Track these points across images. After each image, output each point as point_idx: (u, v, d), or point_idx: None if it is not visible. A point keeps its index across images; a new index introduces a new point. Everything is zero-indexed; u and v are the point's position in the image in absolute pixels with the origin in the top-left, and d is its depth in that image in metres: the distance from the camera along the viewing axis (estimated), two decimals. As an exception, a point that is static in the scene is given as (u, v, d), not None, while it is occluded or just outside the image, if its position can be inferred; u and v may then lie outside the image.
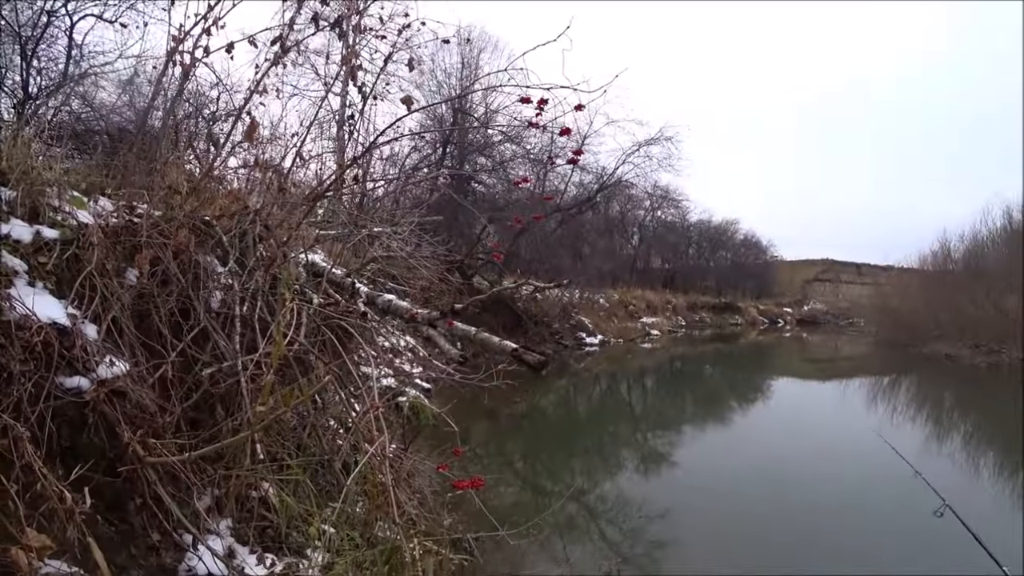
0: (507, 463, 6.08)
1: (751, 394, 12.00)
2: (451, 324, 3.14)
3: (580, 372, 13.11)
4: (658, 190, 24.31)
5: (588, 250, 20.12)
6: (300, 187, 3.83)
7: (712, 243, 36.63)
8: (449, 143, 12.01)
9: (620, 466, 6.15)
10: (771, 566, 3.77)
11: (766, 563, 3.82)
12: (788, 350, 23.15)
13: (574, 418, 9.01)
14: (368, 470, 2.34)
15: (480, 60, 13.99)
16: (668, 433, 7.98)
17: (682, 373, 14.90)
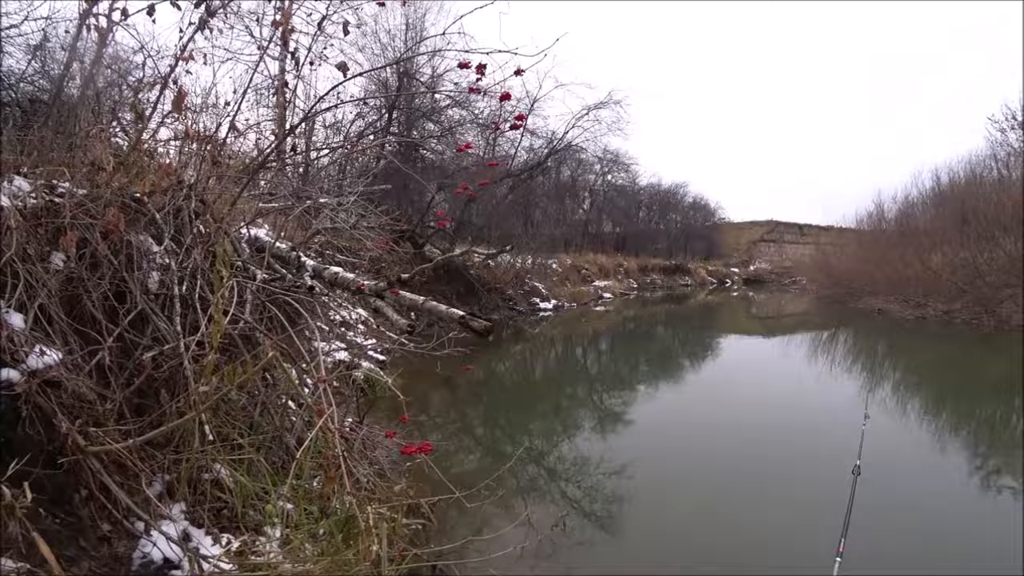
0: (467, 429, 6.18)
1: (701, 352, 12.51)
2: (397, 294, 3.12)
3: (535, 337, 13.29)
4: (608, 154, 24.42)
5: (540, 215, 20.18)
6: (238, 158, 3.68)
7: (662, 206, 37.34)
8: (395, 109, 11.66)
9: (577, 426, 6.33)
10: (716, 511, 4.05)
11: (712, 507, 4.10)
12: (736, 309, 24.10)
13: (531, 382, 9.18)
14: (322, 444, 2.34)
15: (425, 22, 13.56)
16: (623, 392, 8.25)
17: (635, 334, 15.33)
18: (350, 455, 2.89)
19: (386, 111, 11.78)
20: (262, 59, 3.62)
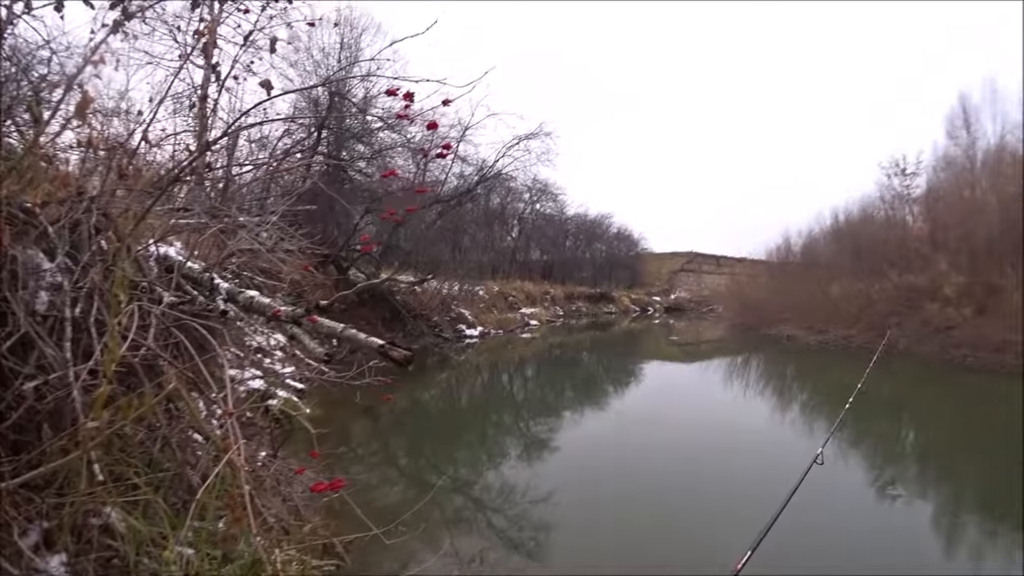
0: (389, 461, 5.96)
1: (624, 377, 12.84)
2: (314, 321, 2.98)
3: (461, 364, 13.16)
4: (537, 183, 25.02)
5: (468, 241, 20.19)
6: (151, 170, 3.42)
7: (588, 236, 38.45)
8: (325, 128, 11.37)
9: (504, 454, 6.27)
10: (642, 535, 4.10)
11: (637, 532, 4.15)
12: (657, 336, 25.01)
13: (456, 411, 9.04)
14: (229, 481, 2.16)
15: (361, 42, 13.43)
16: (549, 419, 8.28)
17: (561, 361, 15.52)
18: (260, 492, 2.69)
19: (315, 130, 11.48)
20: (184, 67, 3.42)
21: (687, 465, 5.80)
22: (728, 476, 5.45)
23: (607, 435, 7.35)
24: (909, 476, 5.96)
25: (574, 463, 6.00)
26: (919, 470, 6.32)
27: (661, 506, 4.66)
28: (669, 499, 4.82)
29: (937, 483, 5.82)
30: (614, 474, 5.50)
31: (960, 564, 3.95)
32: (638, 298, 40.29)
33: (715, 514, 4.48)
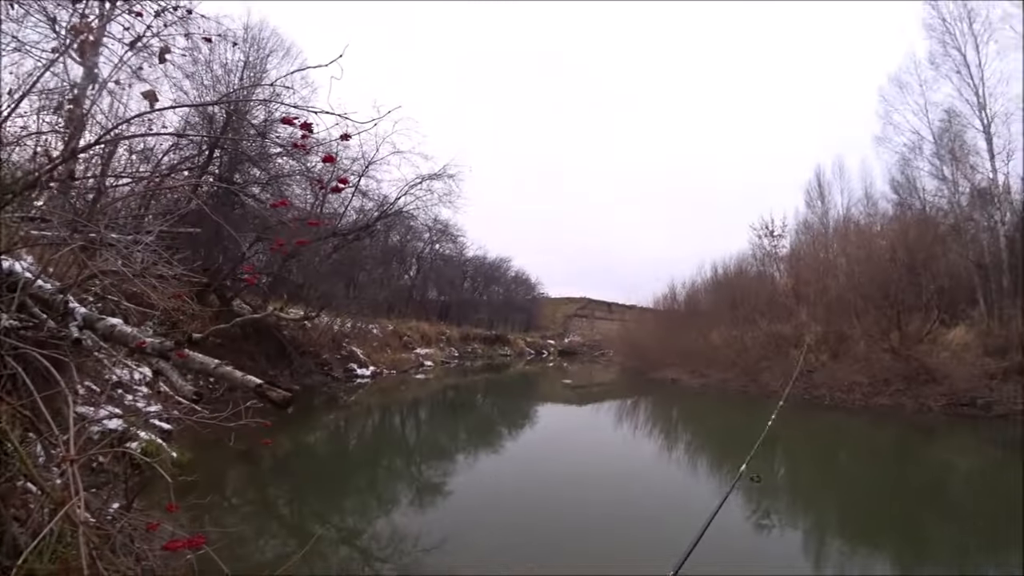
0: (268, 510, 5.43)
1: (519, 419, 12.82)
2: (183, 355, 2.68)
3: (351, 405, 12.52)
4: (438, 224, 25.01)
5: (364, 278, 19.63)
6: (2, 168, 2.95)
7: (486, 278, 38.87)
8: (218, 147, 10.62)
9: (395, 501, 5.94)
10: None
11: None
12: (551, 378, 25.44)
13: (345, 454, 8.51)
14: (67, 539, 1.82)
15: (268, 64, 12.90)
16: (443, 463, 8.02)
17: (455, 403, 15.27)
18: (105, 551, 2.30)
19: (207, 148, 10.70)
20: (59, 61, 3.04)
21: (580, 508, 5.81)
22: (622, 516, 5.52)
23: (502, 479, 7.23)
24: (780, 507, 6.38)
25: (468, 508, 5.82)
26: (789, 500, 6.80)
27: (556, 551, 4.60)
28: (564, 543, 4.78)
29: (804, 512, 6.28)
30: (509, 520, 5.37)
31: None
32: (533, 341, 41.04)
33: (611, 555, 4.50)
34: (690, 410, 14.64)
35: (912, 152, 19.75)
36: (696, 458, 9.13)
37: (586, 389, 21.33)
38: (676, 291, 26.31)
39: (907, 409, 12.18)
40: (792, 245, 22.54)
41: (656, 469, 8.14)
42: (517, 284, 43.92)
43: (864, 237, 17.22)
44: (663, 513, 5.72)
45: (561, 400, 17.53)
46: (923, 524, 5.84)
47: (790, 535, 5.39)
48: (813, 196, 24.30)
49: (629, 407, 15.61)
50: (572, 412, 15.12)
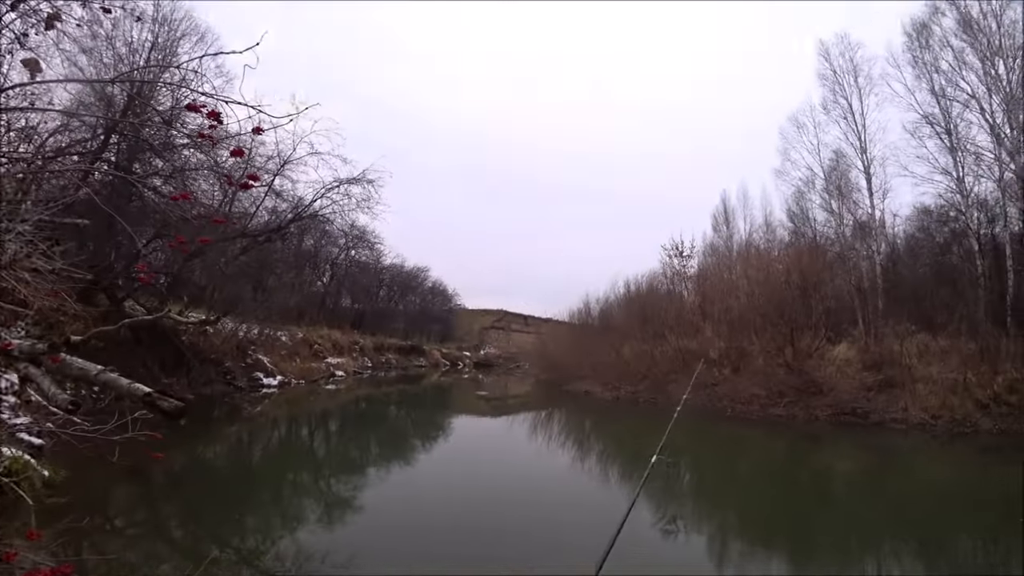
0: (160, 532, 4.92)
1: (433, 431, 12.59)
2: (57, 360, 2.38)
3: (255, 416, 11.76)
4: (355, 230, 24.28)
5: (274, 282, 18.62)
6: None
7: (403, 287, 38.19)
8: (116, 132, 9.62)
9: (301, 518, 5.58)
10: None
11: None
12: (466, 390, 25.27)
13: (247, 470, 7.93)
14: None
15: (179, 47, 11.94)
16: (353, 477, 7.68)
17: (367, 415, 14.75)
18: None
19: (103, 133, 9.67)
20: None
21: (495, 518, 5.75)
22: (538, 520, 5.51)
23: (415, 491, 7.01)
24: (685, 512, 6.62)
25: (380, 523, 5.58)
26: (693, 506, 7.08)
27: (470, 563, 4.50)
28: (479, 555, 4.69)
29: (708, 516, 6.57)
30: (422, 533, 5.21)
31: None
32: (449, 352, 40.67)
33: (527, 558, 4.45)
34: (602, 421, 15.03)
35: (806, 186, 21.94)
36: (608, 465, 9.36)
37: (501, 401, 21.37)
38: (590, 306, 27.07)
39: (798, 419, 13.18)
40: (699, 266, 23.98)
41: (570, 476, 8.26)
42: (434, 294, 43.54)
43: (763, 261, 18.58)
44: (578, 516, 5.80)
45: (476, 412, 17.45)
46: (810, 523, 6.29)
47: (695, 539, 5.61)
48: (719, 221, 26.18)
49: (544, 418, 15.79)
50: (487, 424, 15.07)
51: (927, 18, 18.89)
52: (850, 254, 20.02)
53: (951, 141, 18.29)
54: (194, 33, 12.49)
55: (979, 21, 17.74)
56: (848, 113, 20.21)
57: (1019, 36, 17.22)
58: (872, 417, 12.67)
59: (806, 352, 14.94)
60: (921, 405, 12.51)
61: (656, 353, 18.79)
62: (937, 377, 13.00)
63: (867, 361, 14.56)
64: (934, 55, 18.71)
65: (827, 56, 20.86)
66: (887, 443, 11.13)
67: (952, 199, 18.79)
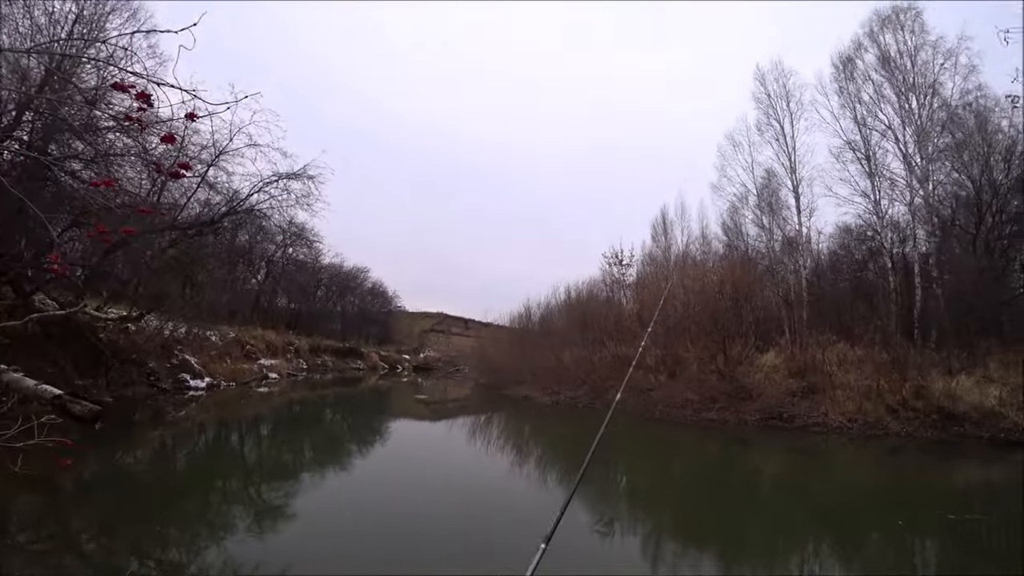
0: (70, 547, 4.52)
1: (370, 436, 12.29)
2: None
3: (180, 420, 11.11)
4: (293, 226, 23.42)
5: (205, 278, 17.69)
6: None
7: (342, 288, 37.22)
8: (30, 109, 8.80)
9: (229, 527, 5.29)
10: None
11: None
12: (405, 394, 24.84)
13: (170, 477, 7.45)
14: None
15: (108, 23, 11.10)
16: (285, 483, 7.34)
17: (302, 418, 14.23)
18: None
19: (15, 109, 8.83)
20: None
21: (431, 523, 5.64)
22: (471, 528, 5.46)
23: (351, 496, 6.83)
24: (621, 514, 6.75)
25: (314, 530, 5.36)
26: (628, 507, 7.22)
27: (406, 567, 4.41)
28: (416, 558, 4.59)
29: (643, 517, 6.71)
30: (358, 538, 5.06)
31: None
32: (388, 355, 39.92)
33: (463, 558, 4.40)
34: (541, 425, 15.15)
35: (740, 201, 23.14)
36: (547, 468, 9.43)
37: (440, 405, 21.17)
38: (531, 311, 27.28)
39: (729, 423, 13.75)
40: (638, 274, 24.69)
41: (508, 479, 8.27)
42: (374, 296, 42.70)
43: (699, 272, 19.32)
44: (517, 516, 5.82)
45: (415, 416, 17.18)
46: (739, 523, 6.54)
47: (630, 540, 5.72)
48: (658, 232, 27.09)
49: (483, 423, 15.74)
50: (426, 428, 14.87)
51: (852, 52, 20.39)
52: (779, 268, 21.20)
53: (870, 167, 19.77)
54: (125, 9, 11.71)
55: (896, 59, 19.33)
56: (780, 135, 21.49)
57: (930, 75, 18.85)
58: (796, 421, 13.38)
59: (737, 360, 15.61)
60: (840, 410, 13.33)
61: (595, 359, 19.15)
62: (854, 384, 13.90)
63: (792, 368, 15.37)
64: (857, 87, 20.22)
65: (763, 80, 22.15)
66: (809, 445, 11.78)
67: (870, 220, 20.29)
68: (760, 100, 22.26)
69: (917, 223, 18.93)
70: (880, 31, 19.72)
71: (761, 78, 22.28)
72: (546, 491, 7.63)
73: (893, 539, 5.93)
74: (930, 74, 18.86)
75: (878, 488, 8.62)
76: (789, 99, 21.56)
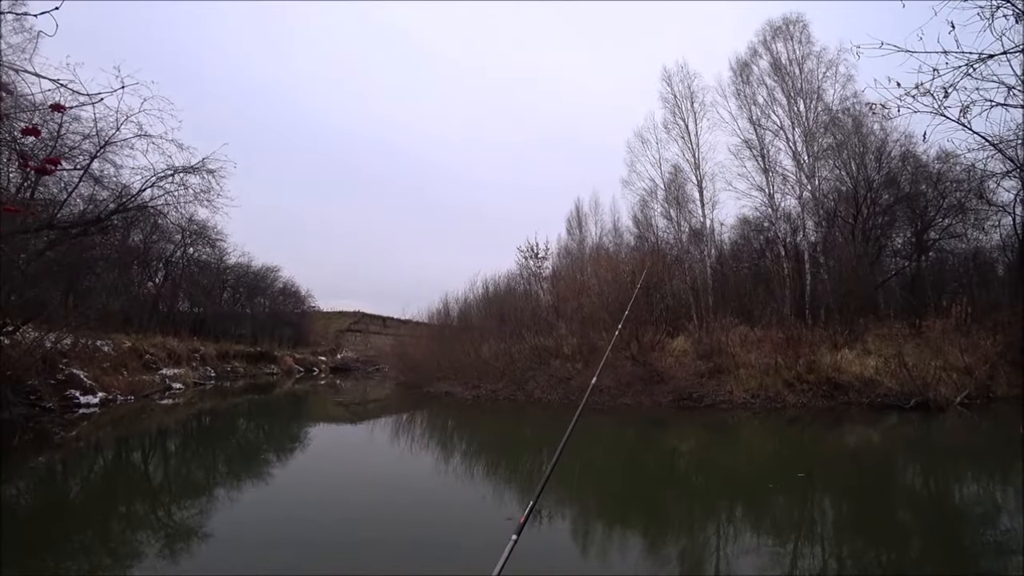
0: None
1: (287, 443, 11.76)
2: None
3: (70, 442, 10.09)
4: (193, 225, 21.86)
5: (93, 283, 16.14)
6: None
7: (250, 289, 35.29)
8: None
9: (135, 555, 4.89)
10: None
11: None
12: (323, 397, 23.98)
13: (62, 507, 6.75)
14: None
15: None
16: (198, 501, 6.89)
17: (211, 430, 13.37)
18: None
19: None
20: None
21: (363, 529, 5.54)
22: (404, 532, 5.39)
23: (270, 509, 6.49)
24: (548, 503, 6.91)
25: (234, 548, 5.08)
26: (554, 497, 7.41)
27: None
28: (349, 568, 4.48)
29: (568, 504, 6.91)
30: (283, 551, 4.84)
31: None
32: (303, 358, 38.34)
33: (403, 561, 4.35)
34: (463, 419, 15.18)
35: (649, 195, 24.33)
36: (473, 462, 9.48)
37: (360, 406, 20.65)
38: (449, 306, 27.16)
39: (644, 406, 14.43)
40: (554, 267, 25.27)
41: (437, 477, 8.22)
42: (285, 296, 40.82)
43: (612, 263, 20.04)
44: (444, 515, 5.84)
45: (335, 419, 16.66)
46: (659, 499, 6.93)
47: (558, 524, 5.85)
48: (573, 225, 27.94)
49: (405, 421, 15.54)
50: (347, 431, 14.45)
51: (748, 58, 21.99)
52: (686, 257, 22.48)
53: (765, 163, 21.45)
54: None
55: (786, 66, 21.08)
56: (685, 133, 22.82)
57: (815, 82, 20.73)
58: (705, 400, 14.28)
59: (649, 346, 16.39)
60: (743, 387, 14.38)
61: (514, 351, 19.41)
62: (755, 362, 15.04)
63: (700, 351, 16.36)
64: (752, 90, 21.89)
65: (669, 82, 23.39)
66: (717, 421, 12.62)
67: (765, 212, 22.03)
68: (667, 100, 23.52)
69: (806, 215, 20.75)
70: (773, 40, 21.41)
71: (668, 79, 23.50)
72: (470, 487, 7.67)
73: (792, 499, 6.53)
74: (815, 81, 20.76)
75: (778, 455, 9.44)
76: (693, 99, 22.94)
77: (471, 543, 5.12)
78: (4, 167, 10.28)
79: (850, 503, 6.67)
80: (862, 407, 13.06)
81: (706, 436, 11.52)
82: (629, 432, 12.35)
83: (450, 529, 5.63)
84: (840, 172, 21.29)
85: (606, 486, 7.84)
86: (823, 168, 21.18)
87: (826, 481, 7.68)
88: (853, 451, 9.71)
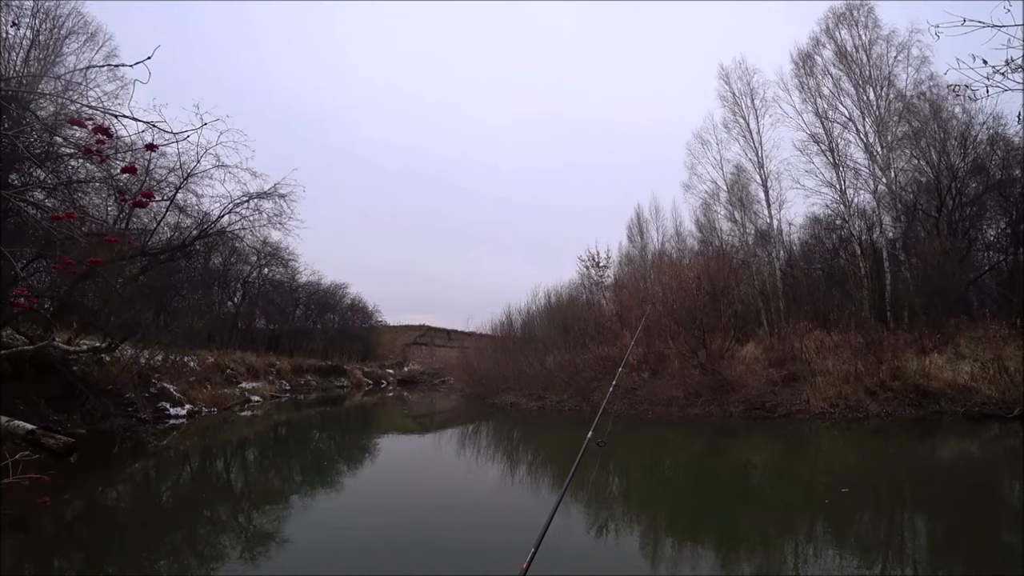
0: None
1: (359, 454, 12.14)
2: None
3: (162, 450, 10.85)
4: (267, 247, 23.14)
5: (180, 304, 17.36)
6: None
7: (320, 305, 36.77)
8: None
9: (220, 558, 5.18)
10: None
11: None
12: (391, 409, 24.62)
13: (155, 510, 7.26)
14: None
15: (65, 47, 10.86)
16: (276, 508, 7.22)
17: (288, 441, 14.01)
18: None
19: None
20: None
21: (427, 535, 5.63)
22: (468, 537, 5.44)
23: (344, 517, 6.71)
24: (616, 515, 6.78)
25: (308, 552, 5.28)
26: (623, 508, 7.25)
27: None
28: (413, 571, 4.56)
29: (638, 517, 6.74)
30: (357, 560, 5.00)
31: None
32: (371, 371, 39.52)
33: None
34: (529, 431, 15.15)
35: (711, 198, 23.63)
36: (539, 473, 9.44)
37: (428, 418, 21.03)
38: (512, 317, 27.29)
39: (715, 416, 13.91)
40: (616, 275, 24.96)
41: (502, 486, 8.26)
42: (354, 312, 42.25)
43: (675, 269, 19.58)
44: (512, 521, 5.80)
45: (403, 430, 17.05)
46: (733, 517, 6.62)
47: (625, 539, 5.73)
48: (634, 232, 27.46)
49: (471, 432, 15.68)
50: (415, 441, 14.76)
51: (810, 49, 21.00)
52: (753, 260, 21.60)
53: (834, 158, 20.32)
54: (82, 31, 11.48)
55: (852, 54, 19.98)
56: (746, 132, 22.01)
57: (885, 68, 19.50)
58: (779, 410, 13.61)
59: (718, 353, 15.82)
60: (821, 396, 13.60)
61: (578, 362, 19.23)
62: (833, 369, 14.20)
63: (772, 358, 15.64)
64: (817, 82, 20.85)
65: (727, 79, 22.69)
66: (794, 432, 11.99)
67: (837, 209, 20.85)
68: (725, 98, 22.82)
69: (882, 210, 19.49)
70: (836, 27, 20.38)
71: (726, 77, 22.81)
72: (538, 496, 7.64)
73: (883, 517, 6.07)
74: (885, 67, 19.53)
75: (863, 469, 8.82)
76: (753, 96, 22.14)
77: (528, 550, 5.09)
78: (104, 201, 11.30)
79: (945, 522, 6.14)
80: (956, 417, 12.04)
81: (782, 448, 10.97)
82: (699, 443, 11.95)
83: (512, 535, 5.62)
84: (919, 162, 19.84)
85: (673, 500, 7.61)
86: (899, 159, 19.86)
87: (918, 497, 7.12)
88: (948, 465, 8.95)
